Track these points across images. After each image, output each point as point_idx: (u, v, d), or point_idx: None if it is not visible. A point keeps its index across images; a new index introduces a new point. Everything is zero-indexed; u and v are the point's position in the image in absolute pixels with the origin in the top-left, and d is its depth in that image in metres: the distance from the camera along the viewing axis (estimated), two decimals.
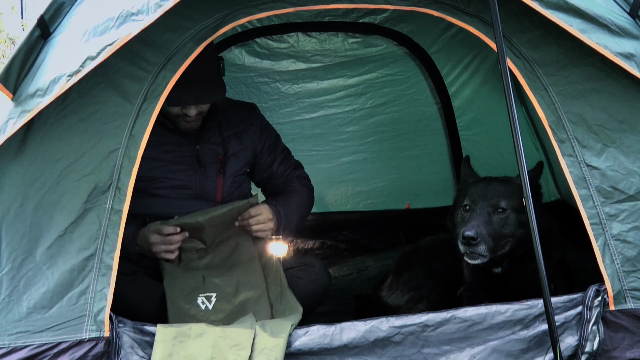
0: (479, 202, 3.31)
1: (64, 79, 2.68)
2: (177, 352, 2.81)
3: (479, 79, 5.04)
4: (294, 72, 5.10)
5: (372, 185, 5.51)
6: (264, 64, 5.04)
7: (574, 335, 3.00)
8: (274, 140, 3.85)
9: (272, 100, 5.14)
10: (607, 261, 3.00)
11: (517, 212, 3.27)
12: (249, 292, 3.34)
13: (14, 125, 2.71)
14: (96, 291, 2.81)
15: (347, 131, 5.37)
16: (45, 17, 2.78)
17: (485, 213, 3.28)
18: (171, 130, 3.55)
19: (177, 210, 3.50)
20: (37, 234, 2.80)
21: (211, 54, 3.46)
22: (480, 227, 3.21)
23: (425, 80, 5.23)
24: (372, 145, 5.41)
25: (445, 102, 5.26)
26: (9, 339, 2.76)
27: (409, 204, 5.54)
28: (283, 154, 3.88)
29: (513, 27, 3.02)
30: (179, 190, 3.54)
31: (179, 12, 2.83)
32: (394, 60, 5.14)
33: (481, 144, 5.21)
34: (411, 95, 5.28)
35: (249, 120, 3.76)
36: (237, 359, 2.81)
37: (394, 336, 2.94)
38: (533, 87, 3.04)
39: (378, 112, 5.32)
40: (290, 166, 3.88)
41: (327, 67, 5.13)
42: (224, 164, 3.62)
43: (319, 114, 5.30)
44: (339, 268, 4.97)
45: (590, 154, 3.02)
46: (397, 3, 3.04)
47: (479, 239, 3.17)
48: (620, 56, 2.89)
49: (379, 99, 5.28)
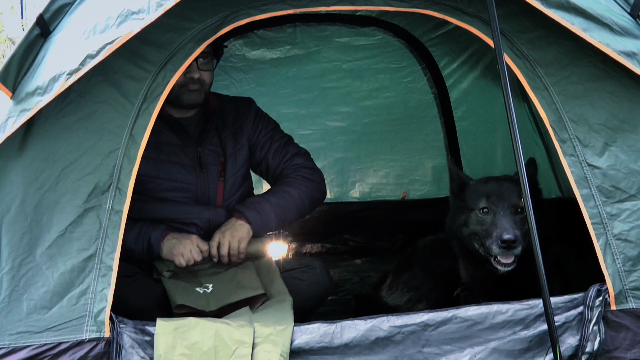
0: (500, 204, 3.27)
1: (64, 77, 2.67)
2: (180, 342, 2.82)
3: (477, 73, 5.08)
4: (292, 57, 5.20)
5: (367, 164, 5.61)
6: (262, 53, 5.13)
7: (574, 335, 3.00)
8: (269, 131, 3.76)
9: (270, 83, 5.25)
10: (609, 261, 2.99)
11: (535, 210, 3.24)
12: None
13: (14, 124, 2.71)
14: (96, 291, 2.80)
15: (342, 111, 5.47)
16: (44, 15, 2.77)
17: (509, 214, 3.25)
18: (173, 130, 3.53)
19: (178, 214, 3.50)
20: (37, 234, 2.80)
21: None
22: (515, 229, 3.18)
23: (422, 71, 5.28)
24: (366, 127, 5.51)
25: (441, 91, 5.30)
26: (9, 339, 2.76)
27: (405, 194, 5.57)
28: (279, 142, 3.76)
29: (514, 27, 3.02)
30: (180, 193, 3.53)
31: (180, 12, 2.83)
32: (391, 50, 5.22)
33: (477, 135, 5.26)
34: (407, 82, 5.39)
35: (243, 116, 3.72)
36: (241, 347, 2.82)
37: (394, 335, 2.93)
38: (534, 86, 3.04)
39: (373, 95, 5.43)
40: (286, 155, 3.74)
41: (323, 53, 5.23)
42: (224, 166, 3.61)
43: (314, 93, 5.40)
44: (339, 271, 4.99)
45: (591, 154, 3.01)
46: (398, 5, 3.04)
47: (517, 242, 3.15)
48: (623, 54, 2.89)
49: (375, 83, 5.39)
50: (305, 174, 3.71)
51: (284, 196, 3.61)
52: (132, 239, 3.38)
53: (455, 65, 5.18)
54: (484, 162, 5.29)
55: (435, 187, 5.48)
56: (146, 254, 3.40)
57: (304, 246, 5.40)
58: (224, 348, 2.83)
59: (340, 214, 5.54)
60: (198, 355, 2.82)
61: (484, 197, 3.33)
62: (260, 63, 5.14)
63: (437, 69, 5.24)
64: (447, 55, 5.13)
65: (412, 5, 3.03)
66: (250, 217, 3.49)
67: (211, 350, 2.82)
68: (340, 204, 5.57)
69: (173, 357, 2.80)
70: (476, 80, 5.12)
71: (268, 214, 3.53)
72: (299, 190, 3.65)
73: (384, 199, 5.61)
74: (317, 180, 3.75)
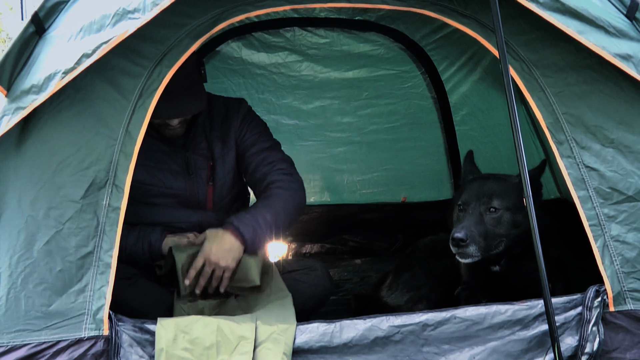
0: (472, 202, 3.32)
1: (59, 76, 2.67)
2: (182, 337, 2.81)
3: (476, 76, 5.10)
4: (291, 64, 5.18)
5: (368, 175, 5.60)
6: (260, 57, 5.12)
7: (574, 335, 3.00)
8: (256, 133, 3.63)
9: (268, 91, 5.22)
10: (607, 262, 2.99)
11: (511, 211, 3.28)
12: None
13: (9, 122, 2.70)
14: (95, 289, 2.79)
15: (342, 122, 5.45)
16: (40, 13, 2.77)
17: (478, 213, 3.29)
18: (159, 139, 3.52)
19: (166, 218, 3.50)
20: (33, 230, 2.78)
21: (191, 61, 3.34)
22: (471, 228, 3.21)
23: (422, 75, 5.30)
24: (367, 136, 5.49)
25: (441, 96, 5.33)
26: (8, 338, 2.74)
27: (405, 197, 5.58)
28: (262, 145, 3.61)
29: (510, 30, 3.02)
30: (169, 199, 3.52)
31: (176, 8, 2.82)
32: (390, 56, 5.22)
33: (477, 139, 5.26)
34: (407, 89, 5.38)
35: (232, 117, 3.64)
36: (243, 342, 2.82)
37: (393, 335, 2.93)
38: (530, 88, 3.05)
39: (373, 104, 5.41)
40: (268, 158, 3.58)
41: (323, 60, 5.21)
42: (213, 170, 3.58)
43: (315, 104, 5.38)
44: (339, 271, 4.99)
45: (588, 155, 3.02)
46: (394, 3, 3.04)
47: (468, 240, 3.18)
48: (618, 57, 2.90)
49: (374, 91, 5.37)
50: (291, 182, 3.55)
51: (279, 211, 3.42)
52: (132, 242, 3.39)
53: (454, 68, 5.19)
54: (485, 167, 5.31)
55: (435, 191, 5.50)
56: (148, 255, 3.40)
57: (304, 246, 5.38)
58: (226, 344, 2.82)
59: (340, 215, 5.54)
60: (200, 351, 2.80)
61: (464, 194, 3.39)
62: (258, 67, 5.14)
63: (437, 74, 5.26)
64: (446, 59, 5.15)
65: (408, 5, 3.04)
66: (247, 237, 3.30)
67: (213, 345, 2.81)
68: (340, 206, 5.57)
69: (175, 352, 2.78)
70: (475, 84, 5.15)
71: (264, 232, 3.36)
72: (292, 202, 3.49)
73: (384, 201, 5.62)
74: (302, 188, 3.59)
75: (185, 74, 3.24)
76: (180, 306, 3.30)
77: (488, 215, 3.29)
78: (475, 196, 3.34)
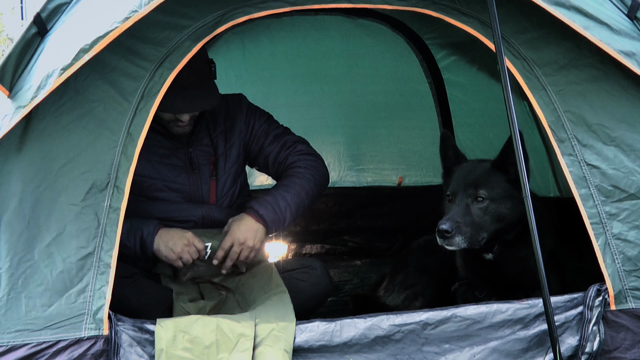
0: (459, 193, 3.29)
1: (57, 72, 2.67)
2: (182, 337, 2.81)
3: (474, 67, 5.12)
4: (289, 45, 5.27)
5: (364, 149, 5.70)
6: (260, 40, 5.18)
7: (574, 335, 3.00)
8: (263, 123, 3.69)
9: (267, 69, 5.32)
10: (608, 261, 3.00)
11: (496, 199, 3.25)
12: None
13: (10, 122, 2.71)
14: (95, 289, 2.79)
15: (339, 98, 5.53)
16: (42, 14, 2.77)
17: (464, 204, 3.25)
18: (162, 135, 3.53)
19: (170, 213, 3.49)
20: (35, 232, 2.79)
21: (203, 58, 3.41)
22: (456, 218, 3.19)
23: (420, 62, 5.36)
24: (363, 112, 5.58)
25: (437, 81, 5.39)
26: (8, 337, 2.75)
27: (402, 178, 5.62)
28: (275, 132, 3.69)
29: (511, 28, 3.03)
30: (173, 193, 3.52)
31: (177, 10, 2.84)
32: (388, 40, 5.28)
33: (473, 127, 5.30)
34: (403, 71, 5.47)
35: (235, 113, 3.68)
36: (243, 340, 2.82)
37: (394, 334, 2.93)
38: (532, 87, 3.05)
39: (370, 82, 5.51)
40: (287, 142, 3.67)
41: (320, 41, 5.30)
42: (216, 165, 3.60)
43: (312, 81, 5.47)
44: (339, 272, 4.99)
45: (590, 153, 3.02)
46: (396, 3, 3.04)
47: (453, 231, 3.16)
48: (622, 54, 2.91)
49: (371, 70, 5.47)
50: (312, 161, 3.64)
51: (299, 191, 3.52)
52: (124, 234, 3.27)
53: (452, 58, 5.25)
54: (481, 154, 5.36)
55: (431, 173, 5.55)
56: (139, 249, 3.34)
57: (304, 247, 5.42)
58: (226, 342, 2.82)
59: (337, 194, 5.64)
60: (200, 349, 2.81)
61: (450, 184, 3.37)
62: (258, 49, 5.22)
63: (434, 61, 5.33)
64: (444, 49, 5.20)
65: (410, 4, 3.04)
66: (268, 219, 3.42)
67: (213, 344, 2.82)
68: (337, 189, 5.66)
69: (175, 352, 2.79)
70: (473, 75, 5.16)
71: (284, 213, 3.46)
72: (313, 180, 3.58)
73: (380, 184, 5.70)
74: (323, 165, 3.68)
75: (198, 69, 3.32)
76: (180, 305, 3.30)
77: (475, 205, 3.26)
78: (461, 187, 3.30)
